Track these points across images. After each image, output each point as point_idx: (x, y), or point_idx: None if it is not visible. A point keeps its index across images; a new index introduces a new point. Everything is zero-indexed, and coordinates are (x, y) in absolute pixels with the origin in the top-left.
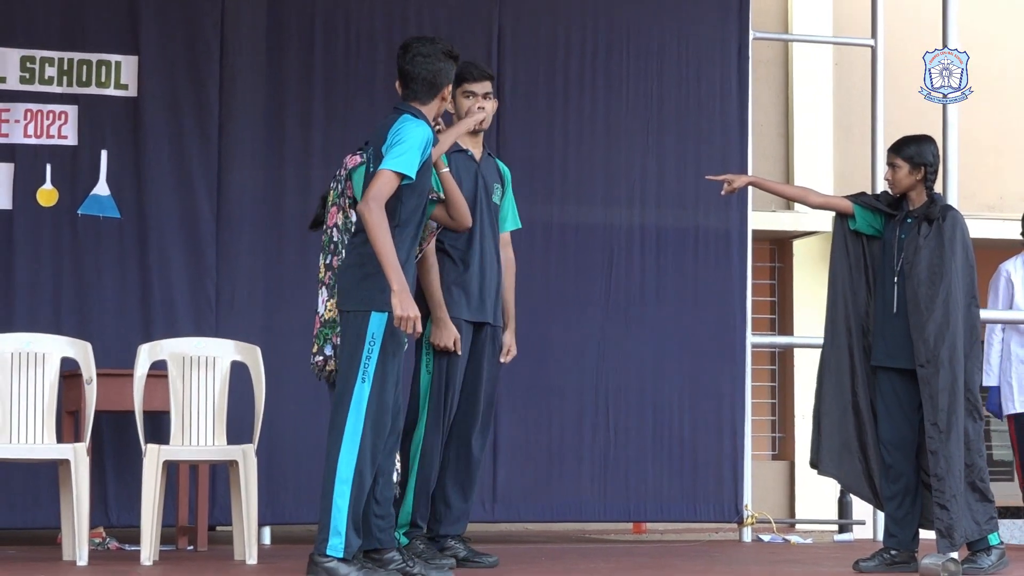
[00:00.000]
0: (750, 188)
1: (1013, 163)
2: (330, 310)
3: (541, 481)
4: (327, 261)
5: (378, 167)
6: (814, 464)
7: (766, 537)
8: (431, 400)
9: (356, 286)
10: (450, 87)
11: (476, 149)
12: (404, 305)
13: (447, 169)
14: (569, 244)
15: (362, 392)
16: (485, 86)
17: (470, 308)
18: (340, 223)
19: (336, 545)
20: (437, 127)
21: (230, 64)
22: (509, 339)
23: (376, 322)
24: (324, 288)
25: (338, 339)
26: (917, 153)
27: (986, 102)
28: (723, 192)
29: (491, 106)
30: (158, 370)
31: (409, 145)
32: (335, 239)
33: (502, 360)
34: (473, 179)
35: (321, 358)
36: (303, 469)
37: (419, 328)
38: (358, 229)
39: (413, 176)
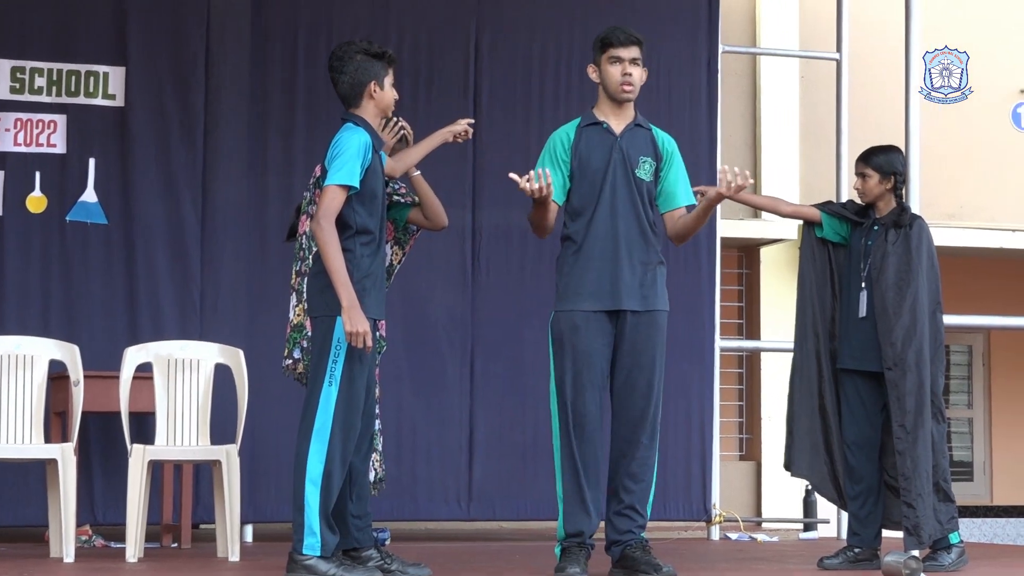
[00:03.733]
0: None
1: (972, 173)
2: (298, 315)
3: (516, 479)
4: (297, 268)
5: (323, 183)
6: (788, 466)
7: (733, 535)
8: (558, 406)
9: (321, 292)
10: (375, 83)
11: (618, 120)
12: (354, 320)
13: (418, 173)
14: (545, 249)
15: (329, 395)
16: (632, 51)
17: (593, 296)
18: (308, 230)
19: (312, 544)
20: (398, 126)
21: (215, 75)
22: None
23: (342, 327)
24: (294, 294)
25: (306, 343)
26: (887, 162)
27: (946, 114)
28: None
29: (639, 74)
30: (144, 372)
31: (347, 156)
32: (304, 246)
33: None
34: (607, 152)
35: (291, 361)
36: (284, 468)
37: (369, 343)
38: None
39: (356, 185)
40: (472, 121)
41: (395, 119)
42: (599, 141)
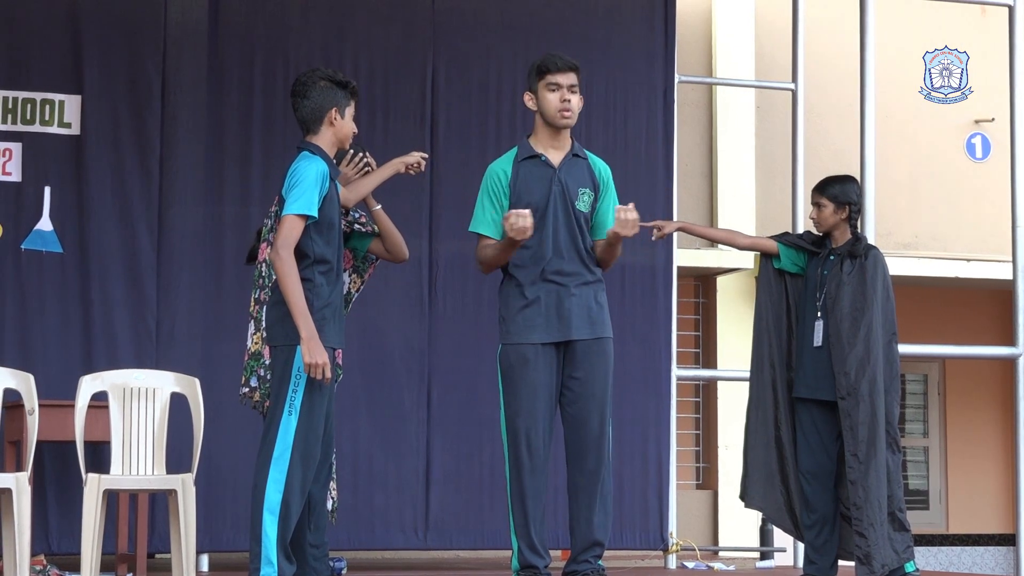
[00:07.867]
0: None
1: (927, 203)
2: (256, 343)
3: (473, 508)
4: (256, 295)
5: (281, 212)
6: (743, 497)
7: (690, 564)
8: (510, 441)
9: (281, 322)
10: (335, 110)
11: (556, 152)
12: (313, 352)
13: (379, 207)
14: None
15: (289, 424)
16: (570, 77)
17: (542, 329)
18: (268, 259)
19: (269, 574)
20: (363, 161)
21: (171, 104)
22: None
23: (302, 357)
24: (252, 322)
25: (263, 371)
26: (841, 192)
27: (901, 144)
28: (653, 238)
29: (577, 101)
30: (99, 401)
31: (305, 185)
32: (263, 273)
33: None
34: (546, 186)
35: (247, 389)
36: (241, 497)
37: (328, 374)
38: None
39: (315, 215)
40: (426, 155)
41: (361, 154)
42: (538, 175)
